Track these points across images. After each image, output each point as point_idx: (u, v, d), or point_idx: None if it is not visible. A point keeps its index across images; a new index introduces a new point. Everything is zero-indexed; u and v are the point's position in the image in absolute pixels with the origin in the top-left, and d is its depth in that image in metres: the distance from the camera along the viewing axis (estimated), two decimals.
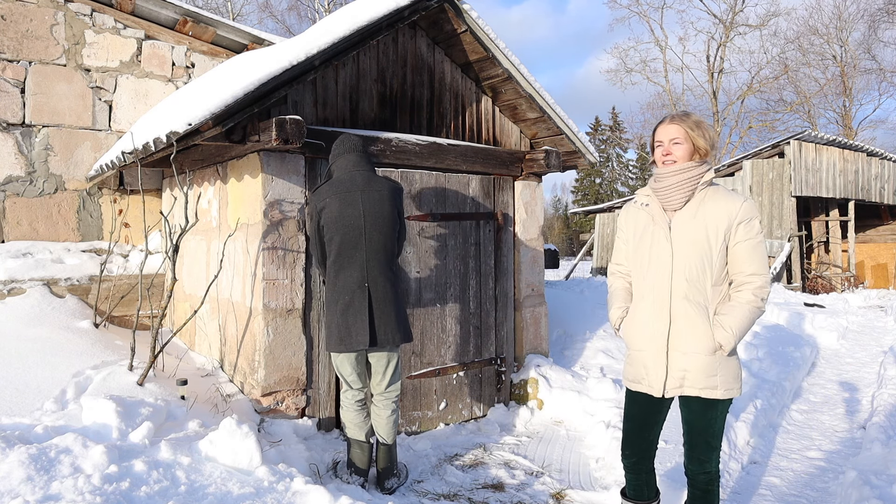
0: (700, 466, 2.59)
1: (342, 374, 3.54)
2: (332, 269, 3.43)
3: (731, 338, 2.43)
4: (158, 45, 6.08)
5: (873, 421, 4.68)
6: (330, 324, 3.43)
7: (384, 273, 3.44)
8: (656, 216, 2.57)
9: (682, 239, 2.49)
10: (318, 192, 3.47)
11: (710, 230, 2.46)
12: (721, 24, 27.92)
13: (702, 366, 2.47)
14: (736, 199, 2.47)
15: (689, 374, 2.49)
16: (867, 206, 17.36)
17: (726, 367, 2.49)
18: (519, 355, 5.26)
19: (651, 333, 2.56)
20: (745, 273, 2.47)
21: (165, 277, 5.43)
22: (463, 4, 4.59)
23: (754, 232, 2.45)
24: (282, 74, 3.65)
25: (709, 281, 2.48)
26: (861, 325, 9.46)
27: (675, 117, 2.53)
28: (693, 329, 2.47)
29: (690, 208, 2.50)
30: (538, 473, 3.91)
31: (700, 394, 2.49)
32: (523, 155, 5.20)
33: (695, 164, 2.48)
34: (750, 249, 2.45)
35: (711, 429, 2.55)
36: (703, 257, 2.47)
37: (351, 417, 3.55)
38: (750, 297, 2.45)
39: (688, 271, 2.48)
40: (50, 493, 2.50)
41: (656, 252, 2.55)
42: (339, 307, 3.37)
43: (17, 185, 5.49)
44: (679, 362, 2.50)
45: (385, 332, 3.39)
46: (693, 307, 2.48)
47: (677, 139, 2.49)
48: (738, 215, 2.44)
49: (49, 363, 4.03)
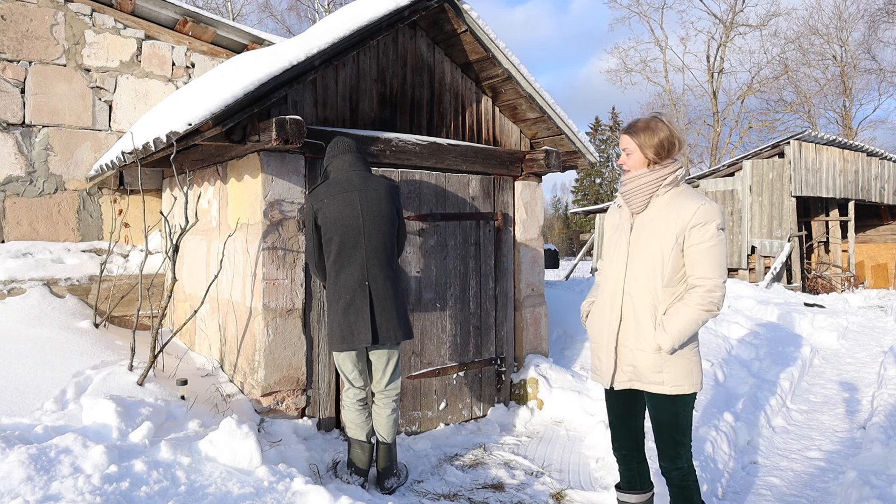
0: (671, 463, 2.65)
1: (344, 373, 3.55)
2: (333, 269, 3.45)
3: (669, 340, 2.49)
4: (158, 45, 6.08)
5: (873, 421, 4.68)
6: (332, 323, 3.44)
7: (384, 271, 3.45)
8: (624, 217, 2.70)
9: (637, 240, 2.60)
10: (315, 194, 3.48)
11: (661, 232, 2.54)
12: (721, 24, 27.93)
13: (648, 362, 2.56)
14: (693, 202, 2.50)
15: (636, 370, 2.59)
16: (867, 206, 17.36)
17: (674, 364, 2.54)
18: (519, 355, 5.26)
19: (603, 328, 2.68)
20: (695, 276, 2.51)
21: (165, 277, 5.43)
22: (463, 4, 4.59)
23: (708, 235, 2.47)
24: (282, 74, 3.65)
25: (659, 281, 2.54)
26: (861, 325, 9.46)
27: (626, 128, 2.65)
28: (638, 327, 2.57)
29: (651, 211, 2.60)
30: (538, 473, 3.91)
31: (648, 388, 2.59)
32: (523, 155, 5.20)
33: (648, 171, 2.59)
34: (702, 252, 2.48)
35: (675, 425, 2.60)
36: (654, 258, 2.54)
37: (352, 417, 3.55)
38: (697, 300, 2.49)
39: (638, 271, 2.58)
40: (50, 493, 2.50)
41: (616, 252, 2.68)
42: (340, 306, 3.39)
43: (17, 185, 5.49)
44: (626, 357, 2.61)
45: (386, 329, 3.41)
46: (641, 306, 2.56)
47: (627, 149, 2.62)
48: (692, 219, 2.48)
49: (49, 363, 4.03)
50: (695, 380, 2.57)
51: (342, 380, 3.61)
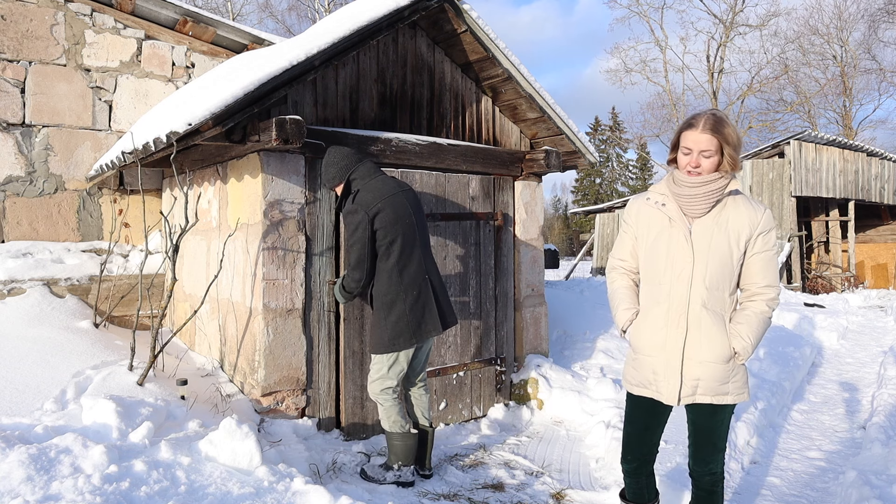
0: (706, 467, 2.56)
1: (396, 372, 3.56)
2: (396, 269, 3.50)
3: (748, 347, 2.41)
4: (158, 45, 6.08)
5: (873, 421, 4.68)
6: (397, 321, 3.48)
7: (434, 263, 3.71)
8: (675, 219, 2.45)
9: (703, 246, 2.40)
10: (364, 202, 3.47)
11: (732, 239, 2.40)
12: (721, 24, 27.92)
13: (716, 374, 2.43)
14: (758, 208, 2.43)
15: (702, 383, 2.45)
16: (867, 206, 17.36)
17: (740, 373, 2.47)
18: (519, 355, 5.26)
19: (664, 341, 2.47)
20: (759, 284, 2.44)
21: (165, 277, 5.43)
22: (463, 4, 4.59)
23: (771, 244, 2.43)
24: (282, 74, 3.65)
25: (727, 290, 2.43)
26: (861, 325, 9.46)
27: (709, 125, 2.32)
28: (710, 338, 2.42)
29: (712, 215, 2.43)
30: (538, 473, 3.91)
31: (712, 401, 2.46)
32: (523, 155, 5.20)
33: (720, 176, 2.36)
34: (766, 261, 2.43)
35: (718, 431, 2.53)
36: (724, 266, 2.40)
37: (397, 412, 3.59)
38: (764, 308, 2.43)
39: (709, 279, 2.40)
40: (50, 493, 2.50)
41: (675, 257, 2.44)
42: (407, 303, 3.49)
43: (17, 185, 5.49)
44: (694, 371, 2.44)
45: (449, 315, 3.68)
46: (711, 316, 2.42)
47: (708, 151, 2.32)
48: (759, 226, 2.40)
49: (49, 363, 4.03)
50: (749, 387, 2.52)
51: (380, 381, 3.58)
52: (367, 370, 4.29)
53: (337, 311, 4.23)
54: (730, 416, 2.54)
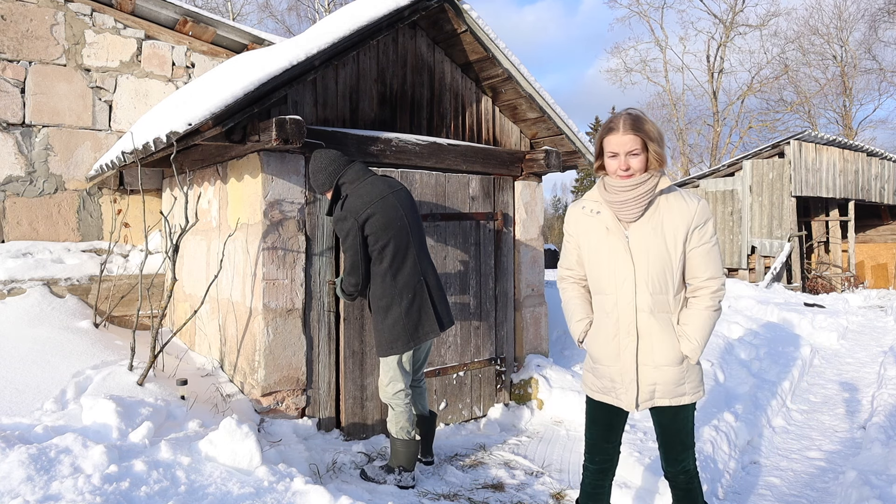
0: (678, 466, 2.57)
1: (401, 374, 3.53)
2: (389, 273, 3.46)
3: (697, 348, 2.41)
4: (158, 45, 6.08)
5: (873, 421, 4.68)
6: (392, 326, 3.46)
7: (431, 263, 3.65)
8: (611, 227, 2.44)
9: (642, 252, 2.39)
10: (353, 208, 3.42)
11: (669, 240, 2.39)
12: (721, 24, 27.92)
13: (671, 377, 2.44)
14: (691, 202, 2.40)
15: (658, 387, 2.45)
16: (867, 206, 17.37)
17: (693, 373, 2.47)
18: (519, 355, 5.26)
19: (617, 350, 2.47)
20: (701, 278, 2.42)
21: (165, 277, 5.43)
22: (463, 4, 4.59)
23: (709, 235, 2.40)
24: (282, 74, 3.65)
25: (672, 292, 2.42)
26: (861, 325, 9.46)
27: (629, 125, 2.33)
28: (661, 343, 2.42)
29: (647, 218, 2.40)
30: (538, 473, 3.91)
31: (671, 402, 2.46)
32: (523, 155, 5.20)
33: (651, 175, 2.36)
34: (705, 253, 2.40)
35: (684, 430, 2.54)
36: (665, 269, 2.40)
37: (407, 418, 3.55)
38: (709, 303, 2.41)
39: (652, 285, 2.40)
40: (50, 493, 2.50)
41: (616, 266, 2.43)
42: (402, 307, 3.46)
43: (17, 185, 5.49)
44: (650, 377, 2.45)
45: (446, 316, 3.64)
46: (659, 321, 2.42)
47: (635, 150, 2.32)
48: (693, 220, 2.38)
49: (49, 363, 4.03)
50: (703, 383, 2.54)
51: (391, 385, 3.55)
52: (367, 370, 4.29)
53: (337, 311, 4.23)
54: (693, 414, 2.56)
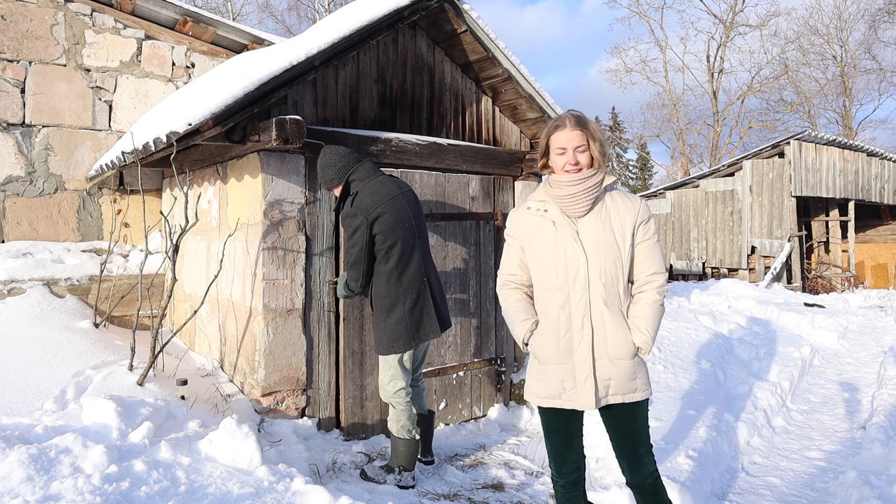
0: (641, 471, 2.50)
1: (401, 373, 3.56)
2: (395, 273, 3.48)
3: (649, 340, 2.41)
4: (158, 45, 6.08)
5: (873, 421, 4.68)
6: (396, 324, 3.49)
7: (433, 265, 3.71)
8: (560, 222, 2.45)
9: (593, 244, 2.42)
10: (363, 206, 3.42)
11: (618, 233, 2.44)
12: (721, 24, 27.92)
13: (625, 371, 2.43)
14: (635, 200, 2.50)
15: (613, 382, 2.42)
16: (867, 206, 17.36)
17: (642, 368, 2.47)
18: (519, 355, 5.26)
19: (570, 346, 2.43)
20: (647, 272, 2.46)
21: (165, 277, 5.43)
22: (463, 4, 4.59)
23: (651, 232, 2.48)
24: (282, 74, 3.65)
25: (621, 284, 2.45)
26: (861, 325, 9.45)
27: (574, 122, 2.42)
28: (616, 334, 2.41)
29: (595, 213, 2.46)
30: (538, 473, 3.91)
31: (624, 399, 2.43)
32: (523, 155, 5.20)
33: (596, 170, 2.43)
34: (650, 248, 2.47)
35: (643, 430, 2.51)
36: (616, 261, 2.43)
37: (408, 417, 3.57)
38: (656, 297, 2.45)
39: (604, 276, 2.41)
40: (50, 493, 2.50)
41: (568, 260, 2.43)
42: (406, 306, 3.49)
43: (17, 185, 5.49)
44: (605, 371, 2.42)
45: (445, 318, 3.69)
46: (612, 313, 2.42)
47: (582, 146, 2.40)
48: (638, 215, 2.46)
49: (49, 363, 4.03)
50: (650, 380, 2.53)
51: (392, 385, 3.57)
52: (366, 370, 4.29)
53: (337, 311, 4.23)
54: (646, 412, 2.52)
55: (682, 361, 5.80)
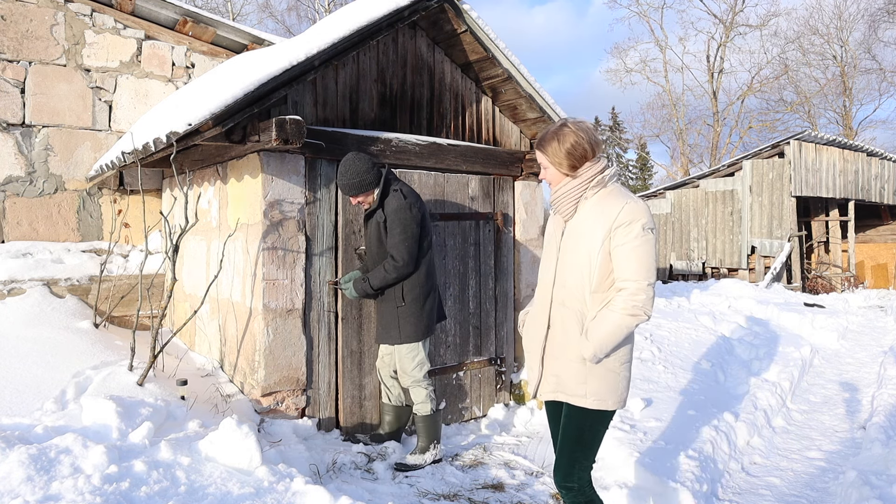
0: (563, 479, 2.46)
1: (424, 358, 3.92)
2: (425, 266, 3.87)
3: (590, 348, 2.35)
4: (158, 45, 6.08)
5: (873, 421, 4.68)
6: (420, 314, 3.86)
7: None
8: (556, 224, 2.61)
9: (566, 246, 2.51)
10: (413, 200, 3.77)
11: (588, 236, 2.42)
12: (721, 24, 27.93)
13: (572, 373, 2.43)
14: (618, 201, 2.39)
15: (560, 380, 2.48)
16: (867, 206, 17.36)
17: (600, 377, 2.40)
18: (519, 355, 5.26)
19: (533, 336, 2.61)
20: (620, 278, 2.36)
21: (165, 277, 5.43)
22: (463, 4, 4.59)
23: (633, 235, 2.33)
24: (281, 75, 3.65)
25: (587, 287, 2.40)
26: (861, 325, 9.45)
27: (539, 143, 2.55)
28: (565, 335, 2.45)
29: (580, 215, 2.49)
30: (538, 473, 3.91)
31: (570, 400, 2.44)
32: (523, 155, 5.20)
33: (570, 179, 2.49)
34: (626, 253, 2.33)
35: (580, 439, 2.45)
36: (582, 263, 2.42)
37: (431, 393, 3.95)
38: (621, 305, 2.32)
39: (566, 277, 2.47)
40: (50, 494, 2.50)
41: (549, 257, 2.60)
42: (432, 298, 3.93)
43: (17, 185, 5.49)
44: (552, 367, 2.51)
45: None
46: (570, 314, 2.45)
47: (543, 165, 2.57)
48: (616, 219, 2.35)
49: (49, 363, 4.03)
50: (620, 396, 2.44)
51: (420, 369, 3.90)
52: (365, 370, 4.29)
53: (336, 311, 4.23)
54: (595, 427, 2.46)
55: (682, 361, 5.80)
